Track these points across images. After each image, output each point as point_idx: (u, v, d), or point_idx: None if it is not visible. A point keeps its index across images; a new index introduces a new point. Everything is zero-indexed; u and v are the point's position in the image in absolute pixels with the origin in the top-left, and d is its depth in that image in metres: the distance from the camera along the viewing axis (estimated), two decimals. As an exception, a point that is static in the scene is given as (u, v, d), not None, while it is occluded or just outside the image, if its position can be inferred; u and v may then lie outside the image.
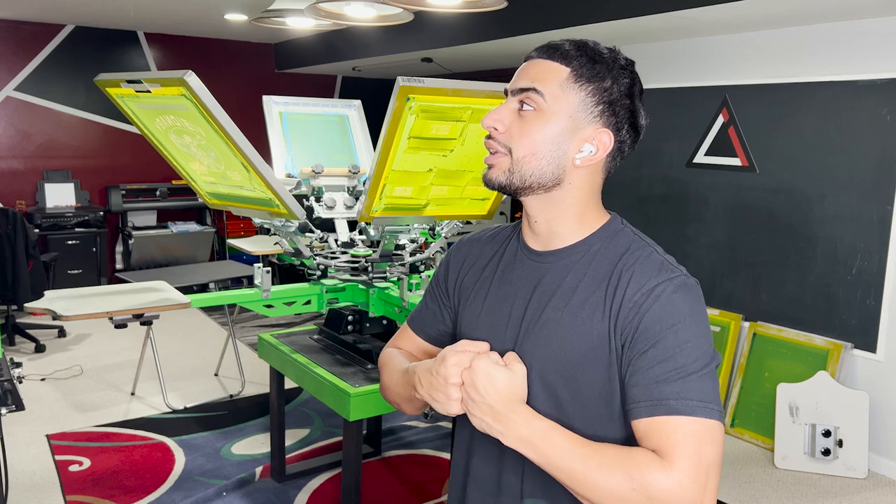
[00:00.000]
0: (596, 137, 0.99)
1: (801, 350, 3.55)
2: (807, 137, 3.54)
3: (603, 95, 0.98)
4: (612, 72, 0.98)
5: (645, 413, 0.91)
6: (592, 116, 0.98)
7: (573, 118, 0.98)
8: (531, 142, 0.98)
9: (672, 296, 0.93)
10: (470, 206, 2.48)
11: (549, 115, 0.97)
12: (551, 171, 0.99)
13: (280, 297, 2.65)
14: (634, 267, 0.97)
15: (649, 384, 0.91)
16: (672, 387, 0.90)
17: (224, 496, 2.91)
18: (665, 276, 0.95)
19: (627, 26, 3.57)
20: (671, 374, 0.91)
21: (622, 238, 1.02)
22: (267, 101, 2.86)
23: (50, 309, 2.26)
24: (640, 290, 0.94)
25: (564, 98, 0.97)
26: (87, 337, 5.01)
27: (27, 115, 5.83)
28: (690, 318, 0.93)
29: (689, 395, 0.89)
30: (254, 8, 4.78)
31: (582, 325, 0.97)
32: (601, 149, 0.99)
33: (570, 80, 0.97)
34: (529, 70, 1.00)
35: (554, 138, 0.98)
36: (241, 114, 3.12)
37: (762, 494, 3.10)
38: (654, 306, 0.93)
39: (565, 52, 0.98)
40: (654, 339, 0.92)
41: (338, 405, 2.34)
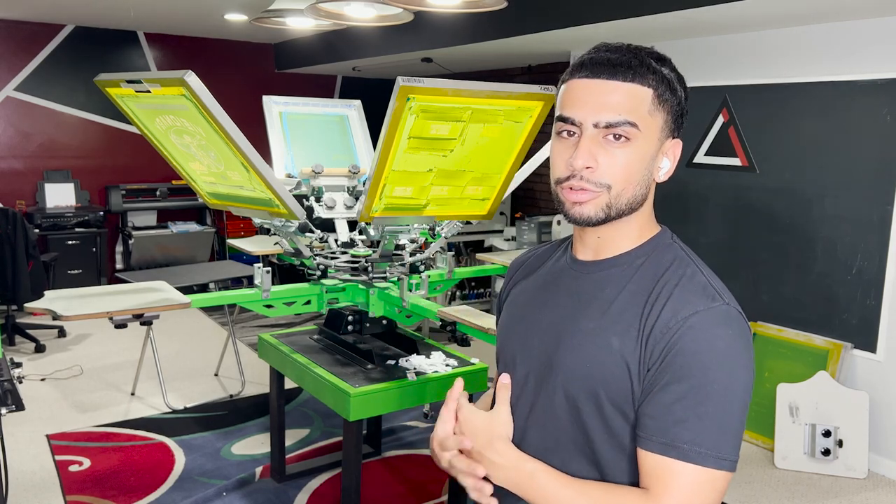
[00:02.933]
0: (671, 150, 0.99)
1: (801, 350, 3.55)
2: (807, 137, 3.54)
3: (677, 109, 0.97)
4: (679, 82, 0.97)
5: (655, 449, 0.90)
6: (670, 131, 0.98)
7: (659, 139, 0.96)
8: (628, 172, 0.95)
9: (709, 330, 0.90)
10: (470, 206, 2.48)
11: (642, 142, 0.94)
12: (642, 194, 0.98)
13: (280, 297, 2.65)
14: (676, 288, 0.94)
15: (667, 421, 0.89)
16: (689, 431, 0.88)
17: (224, 496, 2.91)
18: (705, 305, 0.91)
19: (628, 26, 3.57)
20: (691, 416, 0.88)
21: (668, 253, 1.00)
22: (267, 101, 2.86)
23: (50, 309, 2.26)
24: (676, 315, 0.91)
25: (654, 122, 0.95)
26: (87, 337, 5.01)
27: (27, 115, 5.83)
28: (724, 356, 0.89)
29: (703, 444, 0.88)
30: (254, 8, 4.78)
31: (614, 339, 0.95)
32: (674, 159, 0.99)
33: (655, 102, 0.94)
34: (609, 98, 0.93)
35: (646, 165, 0.96)
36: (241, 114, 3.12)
37: (762, 494, 3.10)
38: (687, 338, 0.89)
39: (637, 68, 0.93)
40: (681, 375, 0.89)
41: (338, 405, 2.34)
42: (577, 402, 0.98)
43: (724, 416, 0.88)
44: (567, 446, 1.00)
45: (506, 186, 2.43)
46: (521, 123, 2.15)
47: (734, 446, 0.89)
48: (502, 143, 2.22)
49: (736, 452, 0.89)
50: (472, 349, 2.60)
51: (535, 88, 2.05)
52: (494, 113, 2.08)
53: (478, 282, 5.74)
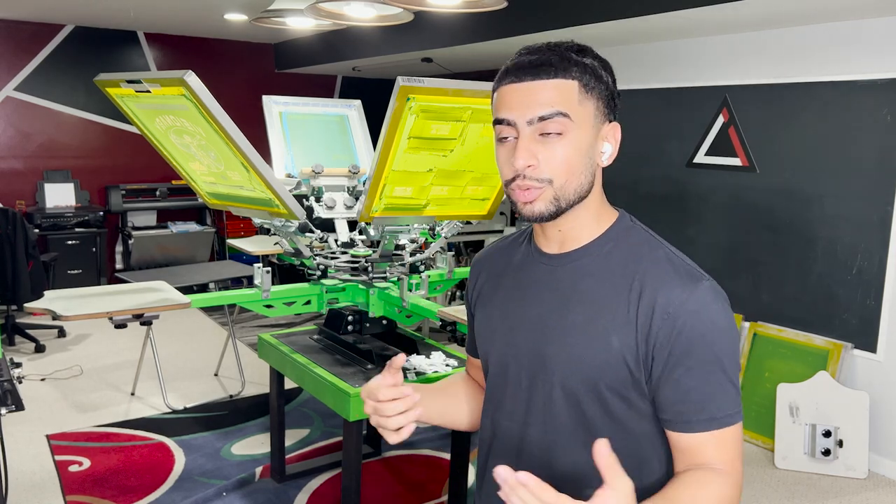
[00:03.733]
0: (611, 134, 1.02)
1: (801, 350, 3.55)
2: (807, 137, 3.54)
3: (606, 93, 1.00)
4: (604, 68, 1.00)
5: (700, 428, 0.97)
6: (604, 116, 1.00)
7: (594, 126, 0.99)
8: (567, 164, 0.97)
9: (708, 308, 0.96)
10: (470, 206, 2.48)
11: (577, 132, 0.97)
12: (587, 181, 1.00)
13: (280, 297, 2.65)
14: (658, 275, 0.98)
15: (701, 401, 0.96)
16: (718, 402, 0.96)
17: (224, 496, 2.91)
18: (693, 286, 0.97)
19: (627, 26, 3.57)
20: (717, 390, 0.96)
21: (633, 237, 1.03)
22: (267, 101, 2.86)
23: (50, 309, 2.26)
24: (672, 301, 0.96)
25: (584, 110, 0.97)
26: (87, 337, 5.01)
27: (27, 115, 5.83)
28: (725, 330, 0.97)
29: (731, 407, 0.97)
30: (254, 8, 4.78)
31: (604, 331, 0.98)
32: (616, 142, 1.02)
33: (582, 91, 0.97)
34: (538, 96, 0.96)
35: (585, 153, 0.99)
36: (241, 114, 3.12)
37: (762, 494, 3.10)
38: (692, 321, 0.95)
39: (558, 64, 0.96)
40: (699, 357, 0.95)
41: (338, 405, 2.34)
42: (577, 395, 1.00)
43: (734, 379, 0.98)
44: (569, 438, 1.02)
45: (506, 186, 2.43)
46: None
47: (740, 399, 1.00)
48: (502, 143, 2.22)
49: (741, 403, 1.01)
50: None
51: (535, 88, 2.04)
52: (494, 113, 2.08)
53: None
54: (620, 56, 4.37)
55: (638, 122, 4.25)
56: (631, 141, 4.33)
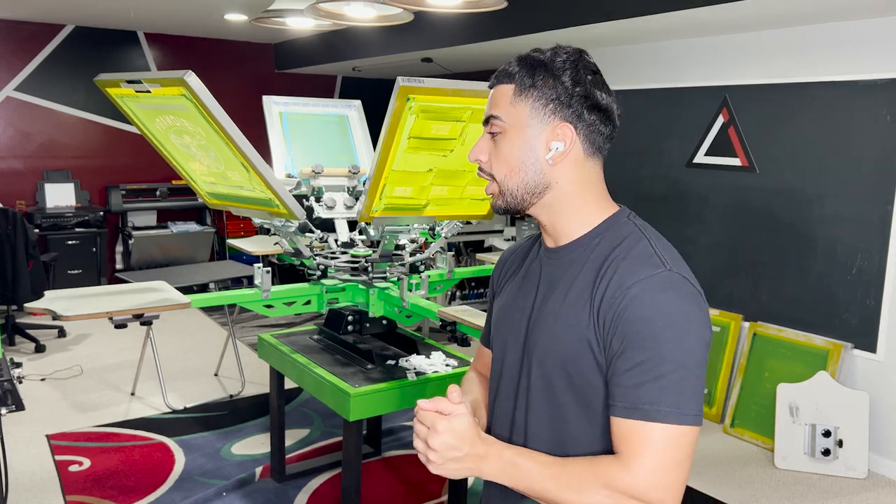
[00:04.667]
0: (558, 133, 1.04)
1: (801, 350, 3.55)
2: (807, 137, 3.54)
3: (548, 95, 1.03)
4: (551, 72, 1.03)
5: (621, 413, 0.95)
6: (546, 117, 1.04)
7: (529, 126, 1.04)
8: (505, 161, 1.06)
9: (654, 295, 0.95)
10: (470, 206, 2.48)
11: (510, 131, 1.05)
12: (533, 179, 1.05)
13: (280, 297, 2.65)
14: (623, 261, 0.99)
15: (627, 386, 0.95)
16: (648, 393, 0.93)
17: (224, 496, 2.91)
18: (647, 273, 0.97)
19: (628, 26, 3.57)
20: (648, 379, 0.93)
21: (622, 230, 1.05)
22: (267, 101, 2.86)
23: (50, 309, 2.26)
24: (621, 286, 0.97)
25: (516, 112, 1.04)
26: (87, 337, 5.01)
27: (27, 115, 5.83)
28: (671, 318, 0.94)
29: (663, 403, 0.93)
30: (254, 8, 4.78)
31: (574, 317, 1.01)
32: (567, 141, 1.04)
33: (516, 94, 1.05)
34: (489, 100, 1.09)
35: (521, 150, 1.05)
36: (241, 114, 3.12)
37: (762, 494, 3.10)
38: (633, 306, 0.95)
39: (508, 72, 1.06)
40: (634, 342, 0.94)
41: (338, 405, 2.34)
42: (552, 380, 1.04)
43: (680, 374, 0.93)
44: (545, 423, 1.07)
45: (506, 186, 2.43)
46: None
47: (695, 402, 0.94)
48: (502, 143, 2.22)
49: (698, 407, 0.94)
50: (472, 349, 2.60)
51: (535, 88, 2.04)
52: (494, 113, 2.08)
53: (478, 282, 5.74)
54: (620, 56, 4.37)
55: (638, 122, 4.25)
56: (631, 141, 4.35)
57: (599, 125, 1.05)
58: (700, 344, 0.95)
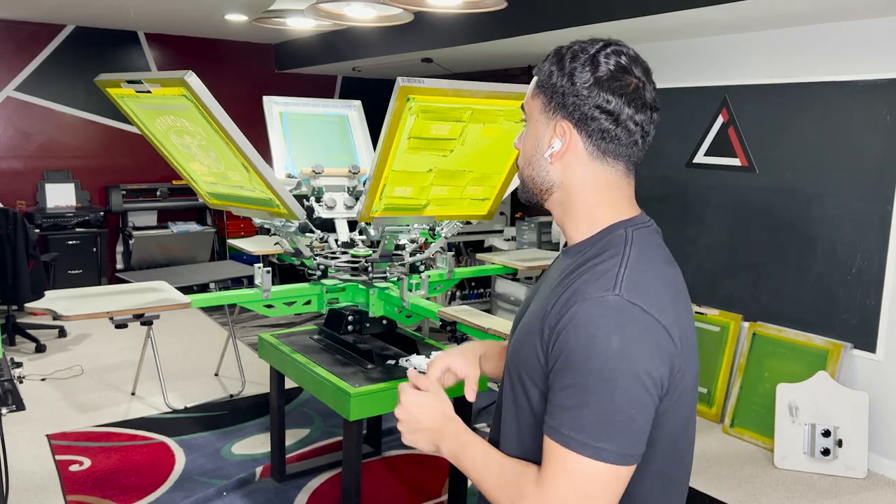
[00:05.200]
0: (556, 131, 1.01)
1: (800, 350, 3.55)
2: (807, 137, 3.54)
3: (556, 91, 1.01)
4: (563, 67, 1.00)
5: (546, 431, 0.93)
6: (551, 113, 1.02)
7: (539, 121, 1.04)
8: (523, 154, 1.09)
9: (589, 321, 0.90)
10: (470, 206, 2.48)
11: (529, 125, 1.07)
12: (539, 175, 1.05)
13: (280, 297, 2.65)
14: (581, 277, 0.96)
15: (555, 405, 0.92)
16: (571, 419, 0.89)
17: (224, 496, 2.91)
18: (593, 294, 0.91)
19: (628, 26, 3.57)
20: (573, 405, 0.89)
21: (611, 242, 0.99)
22: (267, 102, 2.86)
23: (50, 309, 2.26)
24: (566, 304, 0.93)
25: (533, 105, 1.05)
26: (87, 337, 5.01)
27: (27, 115, 5.83)
28: (602, 349, 0.88)
29: (583, 432, 0.88)
30: (254, 8, 4.78)
31: (538, 326, 0.98)
32: (564, 140, 1.01)
33: (535, 87, 1.05)
34: None
35: (531, 144, 1.06)
36: (241, 114, 3.12)
37: (762, 494, 3.10)
38: (569, 328, 0.91)
39: (541, 63, 1.05)
40: (565, 364, 0.91)
41: (338, 405, 2.34)
42: (513, 383, 1.05)
43: (605, 409, 0.88)
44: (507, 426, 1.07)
45: (506, 186, 2.44)
46: (521, 123, 2.15)
47: (621, 439, 0.88)
48: (502, 143, 2.22)
49: (624, 445, 0.88)
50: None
51: (535, 88, 2.04)
52: (494, 113, 2.08)
53: (478, 282, 5.74)
54: (620, 56, 4.37)
55: (638, 122, 4.25)
56: (631, 141, 4.34)
57: (606, 125, 0.98)
58: (634, 381, 0.88)
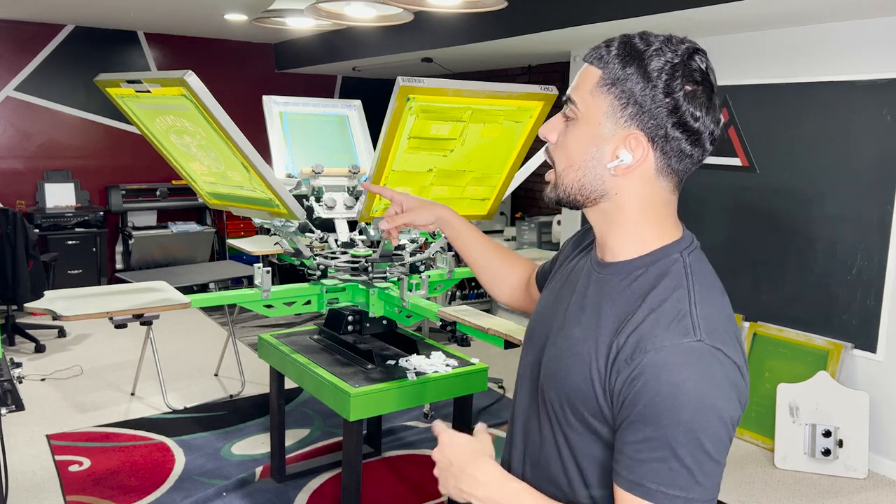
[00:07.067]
0: (630, 143, 0.89)
1: (801, 350, 3.55)
2: (807, 137, 3.54)
3: (633, 97, 0.88)
4: (644, 70, 0.87)
5: (624, 485, 0.86)
6: (623, 121, 0.89)
7: (602, 124, 0.90)
8: (567, 153, 0.94)
9: (673, 371, 0.82)
10: (470, 206, 2.48)
11: (582, 123, 0.92)
12: (591, 183, 0.93)
13: (280, 297, 2.65)
14: (651, 314, 0.87)
15: (634, 459, 0.85)
16: (655, 473, 0.83)
17: (224, 496, 2.91)
18: (672, 340, 0.84)
19: (627, 26, 3.56)
20: (657, 458, 0.83)
21: (667, 268, 0.92)
22: (267, 101, 2.86)
23: (50, 309, 2.26)
24: (641, 347, 0.85)
25: (594, 103, 0.91)
26: (87, 337, 5.01)
27: (27, 115, 5.83)
28: (689, 398, 0.81)
29: (673, 486, 0.82)
30: (254, 8, 4.78)
31: (587, 355, 0.91)
32: (637, 156, 0.90)
33: (600, 83, 0.90)
34: (576, 77, 0.95)
35: (585, 148, 0.92)
36: (241, 114, 3.12)
37: (762, 494, 3.10)
38: (647, 376, 0.83)
39: (604, 52, 0.91)
40: (646, 415, 0.83)
41: (338, 405, 2.34)
42: (547, 404, 0.98)
43: (694, 458, 0.82)
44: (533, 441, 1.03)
45: (506, 186, 2.43)
46: (522, 123, 2.15)
47: (709, 484, 0.84)
48: (502, 143, 2.22)
49: (712, 490, 0.85)
50: (472, 349, 2.61)
51: (535, 88, 2.05)
52: (494, 113, 2.08)
53: (478, 282, 5.74)
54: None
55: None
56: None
57: (684, 146, 0.89)
58: (721, 427, 0.83)
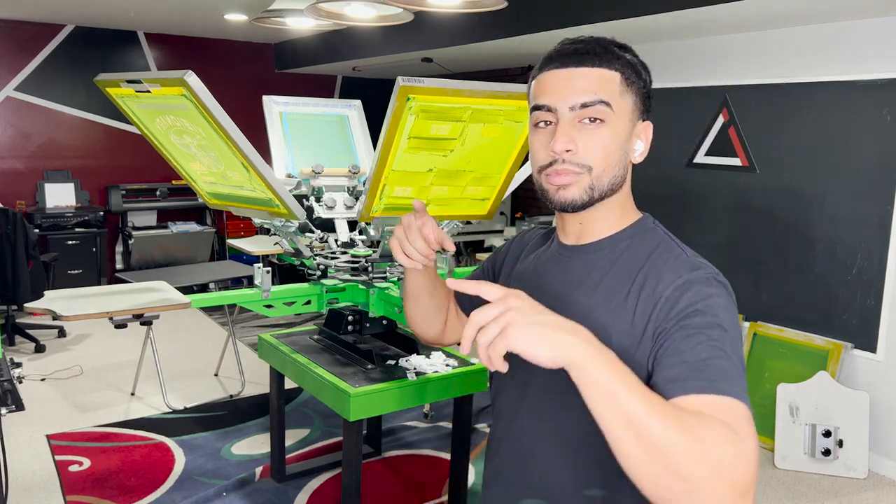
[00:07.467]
0: (643, 132, 1.03)
1: (801, 350, 3.55)
2: (807, 137, 3.54)
3: (644, 91, 1.02)
4: (643, 67, 1.02)
5: (697, 389, 0.83)
6: (640, 113, 1.02)
7: (631, 121, 1.00)
8: (606, 154, 0.98)
9: (701, 286, 0.93)
10: (470, 206, 2.48)
11: (616, 123, 0.98)
12: (621, 175, 1.02)
13: (280, 297, 2.65)
14: (664, 268, 0.97)
15: (701, 363, 0.85)
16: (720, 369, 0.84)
17: (224, 496, 2.91)
18: (697, 273, 0.95)
19: (628, 26, 3.57)
20: (717, 354, 0.85)
21: (652, 236, 1.04)
22: (267, 101, 2.86)
23: (50, 309, 2.26)
24: (672, 284, 0.94)
25: (624, 103, 0.99)
26: (87, 337, 5.01)
27: (27, 115, 5.83)
28: (724, 306, 0.91)
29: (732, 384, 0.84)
30: (254, 8, 4.78)
31: (602, 319, 0.96)
32: (647, 141, 1.04)
33: (623, 84, 0.99)
34: (580, 83, 0.97)
35: (622, 145, 1.00)
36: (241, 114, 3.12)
37: (762, 494, 3.10)
38: (685, 293, 0.92)
39: (603, 55, 0.98)
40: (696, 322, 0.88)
41: (338, 405, 2.34)
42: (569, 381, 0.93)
43: (736, 359, 0.87)
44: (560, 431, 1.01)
45: (506, 186, 2.43)
46: (521, 123, 2.15)
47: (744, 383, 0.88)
48: (502, 143, 2.22)
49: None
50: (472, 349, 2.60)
51: (535, 88, 2.04)
52: (494, 113, 2.08)
53: (478, 282, 5.74)
54: (620, 56, 4.37)
55: (638, 122, 4.25)
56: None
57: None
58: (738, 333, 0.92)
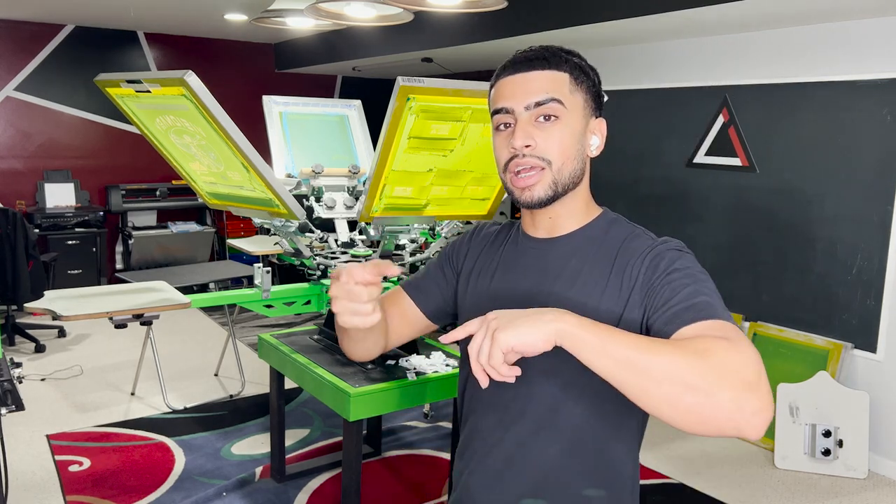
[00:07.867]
0: (598, 128, 1.11)
1: (801, 350, 3.55)
2: (807, 137, 3.54)
3: (592, 89, 1.10)
4: (590, 68, 1.10)
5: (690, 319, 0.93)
6: (592, 110, 1.10)
7: (584, 117, 1.08)
8: (564, 148, 1.06)
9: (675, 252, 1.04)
10: (470, 206, 2.48)
11: (570, 119, 1.06)
12: (580, 169, 1.09)
13: (280, 297, 2.65)
14: (637, 247, 1.06)
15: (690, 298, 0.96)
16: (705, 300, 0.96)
17: (224, 496, 2.91)
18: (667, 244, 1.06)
19: (628, 26, 3.57)
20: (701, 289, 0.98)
21: (620, 227, 1.12)
22: (267, 101, 2.86)
23: (50, 309, 2.26)
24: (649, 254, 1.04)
25: (575, 100, 1.07)
26: (87, 337, 5.01)
27: (27, 115, 5.83)
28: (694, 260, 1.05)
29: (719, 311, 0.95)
30: (254, 8, 4.78)
31: (585, 299, 1.04)
32: (602, 136, 1.11)
33: (573, 83, 1.07)
34: (530, 84, 1.05)
35: (578, 139, 1.07)
36: (241, 114, 3.12)
37: (762, 494, 3.10)
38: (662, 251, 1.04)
39: (552, 59, 1.07)
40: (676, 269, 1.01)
41: (338, 405, 2.34)
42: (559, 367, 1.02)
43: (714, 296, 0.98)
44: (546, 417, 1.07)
45: (506, 186, 2.43)
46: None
47: None
48: (502, 143, 2.22)
49: None
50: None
51: (535, 88, 2.04)
52: (494, 113, 2.08)
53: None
54: (620, 56, 4.37)
55: (638, 122, 4.25)
56: (630, 141, 4.35)
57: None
58: None
